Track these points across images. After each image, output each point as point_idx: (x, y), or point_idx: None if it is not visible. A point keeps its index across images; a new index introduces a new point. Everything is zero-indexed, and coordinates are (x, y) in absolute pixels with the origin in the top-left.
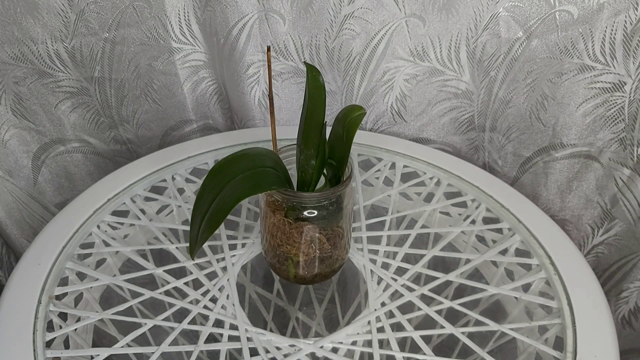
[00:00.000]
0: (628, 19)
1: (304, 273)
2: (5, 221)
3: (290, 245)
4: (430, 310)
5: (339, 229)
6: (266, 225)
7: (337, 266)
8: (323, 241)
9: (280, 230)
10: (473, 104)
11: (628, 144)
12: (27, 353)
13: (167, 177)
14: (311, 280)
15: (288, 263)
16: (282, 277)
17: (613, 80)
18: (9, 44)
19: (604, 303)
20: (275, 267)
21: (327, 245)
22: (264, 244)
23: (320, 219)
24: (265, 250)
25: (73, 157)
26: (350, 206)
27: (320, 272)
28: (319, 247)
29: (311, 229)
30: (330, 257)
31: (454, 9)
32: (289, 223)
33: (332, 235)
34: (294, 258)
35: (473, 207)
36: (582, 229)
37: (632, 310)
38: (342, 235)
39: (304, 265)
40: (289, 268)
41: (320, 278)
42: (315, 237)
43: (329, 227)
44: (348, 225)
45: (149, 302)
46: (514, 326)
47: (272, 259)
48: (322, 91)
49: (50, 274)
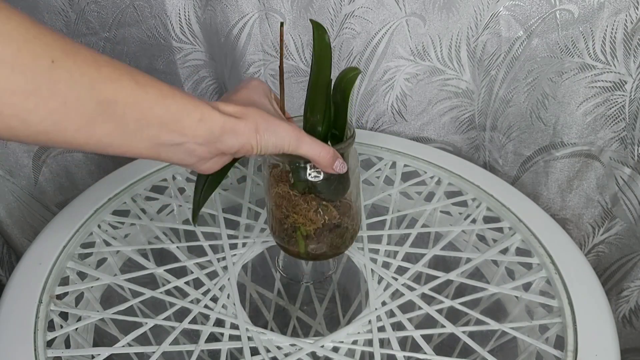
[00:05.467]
0: (629, 17)
1: (314, 245)
2: (6, 221)
3: (297, 214)
4: (431, 309)
5: (345, 199)
6: (271, 198)
7: (348, 237)
8: (330, 208)
9: (285, 199)
10: (474, 103)
11: (629, 142)
12: (28, 352)
13: (168, 177)
14: (323, 254)
15: (297, 235)
16: (293, 254)
17: (614, 79)
18: None
19: (604, 302)
20: (284, 243)
21: (335, 212)
22: (271, 221)
23: (325, 181)
24: (273, 227)
25: (74, 156)
26: (356, 174)
27: (332, 242)
28: (326, 213)
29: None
30: (339, 226)
31: (454, 8)
32: (294, 191)
33: (339, 205)
34: (302, 228)
35: (474, 206)
36: (583, 228)
37: (632, 309)
38: (350, 205)
39: (313, 236)
40: (298, 242)
41: (332, 250)
42: (321, 203)
43: None
44: (355, 192)
45: (150, 301)
46: (515, 325)
47: (281, 234)
48: (328, 50)
49: (51, 274)
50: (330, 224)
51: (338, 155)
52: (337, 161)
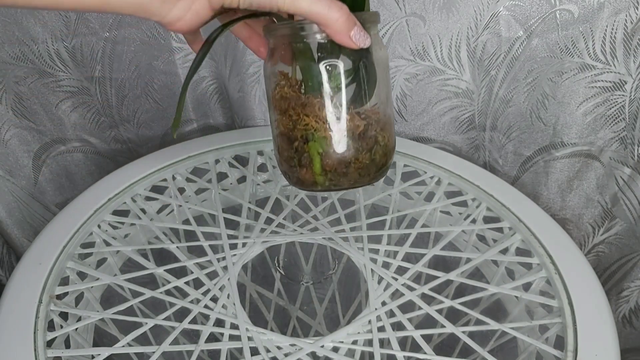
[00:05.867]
0: (628, 17)
1: (335, 161)
2: (6, 221)
3: (309, 116)
4: (431, 309)
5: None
6: (274, 105)
7: (379, 156)
8: (352, 113)
9: (293, 100)
10: (473, 103)
11: (628, 142)
12: (28, 352)
13: (168, 177)
14: (346, 179)
15: (311, 150)
16: (306, 185)
17: (613, 79)
18: (10, 44)
19: (604, 302)
20: (295, 168)
21: (358, 119)
22: (277, 143)
23: (341, 70)
24: (279, 149)
25: (74, 156)
26: (383, 65)
27: (358, 159)
28: (346, 109)
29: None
30: (365, 135)
31: (454, 8)
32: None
33: (363, 112)
34: (317, 136)
35: (474, 206)
36: (583, 228)
37: (632, 309)
38: (377, 112)
39: (333, 148)
40: (313, 160)
41: (358, 173)
42: (339, 93)
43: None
44: (384, 95)
45: (150, 301)
46: (515, 325)
47: (290, 155)
48: None
49: (51, 274)
50: (352, 127)
51: (356, 21)
52: (355, 28)
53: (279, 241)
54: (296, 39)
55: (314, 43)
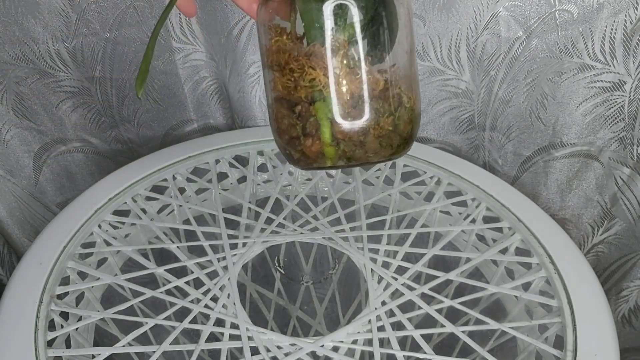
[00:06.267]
0: (628, 18)
1: (350, 127)
2: (7, 221)
3: (315, 69)
4: (431, 309)
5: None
6: (270, 60)
7: (404, 121)
8: (367, 57)
9: (294, 50)
10: (473, 103)
11: (628, 143)
12: (28, 352)
13: (168, 177)
14: (364, 149)
15: (319, 113)
16: (314, 161)
17: (613, 80)
18: (10, 44)
19: (604, 302)
20: (298, 141)
21: (377, 74)
22: (272, 108)
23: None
24: (277, 115)
25: (74, 156)
26: (405, 6)
27: (379, 122)
28: (362, 61)
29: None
30: (387, 93)
31: (454, 8)
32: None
33: (382, 67)
34: (326, 95)
35: (473, 206)
36: (582, 228)
37: (632, 309)
38: (398, 67)
39: (347, 110)
40: (321, 126)
41: (379, 139)
42: (352, 41)
43: (372, 43)
44: (408, 39)
45: (150, 301)
46: (514, 325)
47: (290, 120)
48: None
49: (52, 274)
50: (371, 82)
51: None
52: None
53: (279, 241)
54: None
55: None
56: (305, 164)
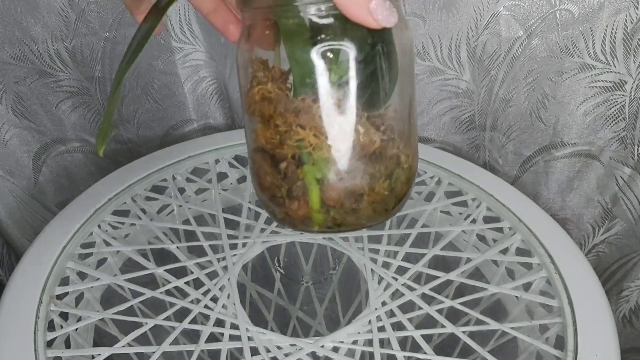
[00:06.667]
0: (629, 17)
1: (342, 192)
2: (6, 221)
3: (304, 127)
4: (431, 309)
5: (389, 107)
6: (252, 108)
7: (401, 178)
8: (364, 120)
9: (281, 103)
10: (473, 103)
11: (629, 142)
12: (28, 353)
13: (168, 177)
14: (356, 216)
15: (307, 177)
16: (300, 225)
17: (614, 79)
18: (10, 44)
19: (604, 302)
20: (282, 202)
21: (372, 130)
22: (253, 158)
23: (350, 60)
24: (258, 169)
25: (74, 156)
26: (407, 52)
27: (374, 187)
28: (357, 117)
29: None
30: (384, 154)
31: (454, 8)
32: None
33: (380, 117)
34: (316, 157)
35: (474, 206)
36: (583, 228)
37: (632, 309)
38: (398, 117)
39: (339, 174)
40: (310, 190)
41: (372, 205)
42: (346, 92)
43: (367, 88)
44: (409, 94)
45: (150, 301)
46: (515, 325)
47: (274, 180)
48: None
49: (51, 274)
50: (366, 143)
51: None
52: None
53: (279, 241)
54: (285, 12)
55: (311, 20)
56: (290, 225)
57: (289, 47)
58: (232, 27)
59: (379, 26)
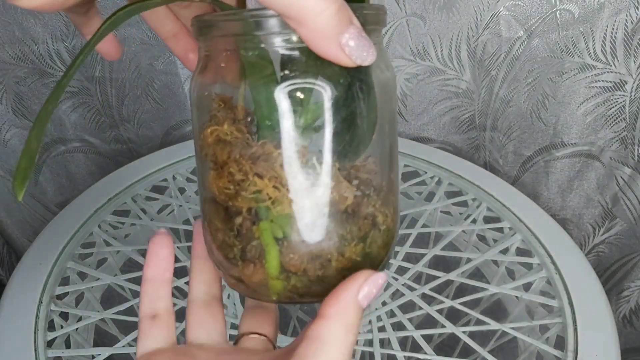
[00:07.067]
0: (629, 17)
1: (305, 257)
2: (6, 221)
3: (263, 176)
4: (431, 309)
5: (367, 158)
6: (205, 151)
7: (378, 242)
8: (337, 174)
9: (237, 148)
10: (474, 103)
11: (629, 143)
12: (28, 352)
13: (168, 177)
14: (323, 285)
15: (264, 236)
16: (255, 293)
17: (614, 79)
18: (10, 44)
19: (604, 302)
20: (235, 264)
21: (346, 184)
22: (205, 208)
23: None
24: (209, 222)
25: (74, 156)
26: (388, 94)
27: (344, 251)
28: (328, 168)
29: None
30: (357, 212)
31: (454, 8)
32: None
33: (355, 169)
34: (275, 213)
35: (474, 206)
36: (583, 228)
37: (632, 309)
38: (375, 170)
39: (302, 235)
40: (267, 253)
41: (342, 273)
42: (315, 138)
43: (342, 135)
44: (389, 136)
45: None
46: (515, 325)
47: (226, 237)
48: None
49: (52, 274)
50: (336, 199)
51: (353, 17)
52: (351, 30)
53: None
54: (247, 44)
55: (277, 52)
56: (244, 292)
57: (251, 83)
58: (192, 56)
59: (352, 64)
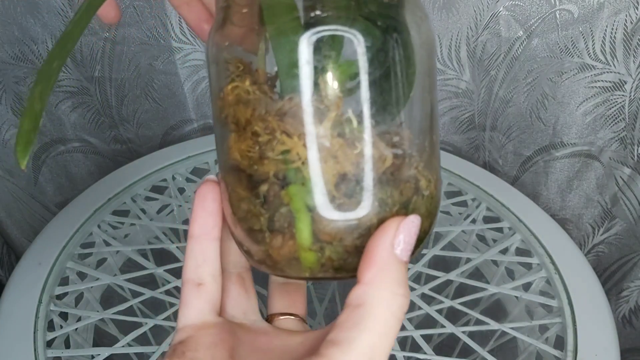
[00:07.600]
0: (628, 17)
1: (341, 226)
2: (6, 221)
3: (291, 136)
4: (431, 309)
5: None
6: (224, 113)
7: (421, 208)
8: (369, 121)
9: (261, 105)
10: (473, 103)
11: (628, 143)
12: (28, 352)
13: (168, 177)
14: (360, 257)
15: (294, 202)
16: (284, 268)
17: (613, 79)
18: (9, 44)
19: (604, 302)
20: (262, 237)
21: (383, 146)
22: (226, 180)
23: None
24: (231, 195)
25: (73, 156)
26: (427, 48)
27: (384, 218)
28: (365, 126)
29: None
30: (397, 175)
31: (454, 8)
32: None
33: (393, 130)
34: (306, 176)
35: (473, 206)
36: (583, 228)
37: (632, 309)
38: (415, 123)
39: (336, 198)
40: (297, 221)
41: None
42: (349, 96)
43: (378, 96)
44: (429, 95)
45: (150, 301)
46: (515, 325)
47: (251, 207)
48: None
49: (51, 274)
50: (374, 160)
51: None
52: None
53: None
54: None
55: None
56: (271, 269)
57: (272, 30)
58: (206, 27)
59: None
